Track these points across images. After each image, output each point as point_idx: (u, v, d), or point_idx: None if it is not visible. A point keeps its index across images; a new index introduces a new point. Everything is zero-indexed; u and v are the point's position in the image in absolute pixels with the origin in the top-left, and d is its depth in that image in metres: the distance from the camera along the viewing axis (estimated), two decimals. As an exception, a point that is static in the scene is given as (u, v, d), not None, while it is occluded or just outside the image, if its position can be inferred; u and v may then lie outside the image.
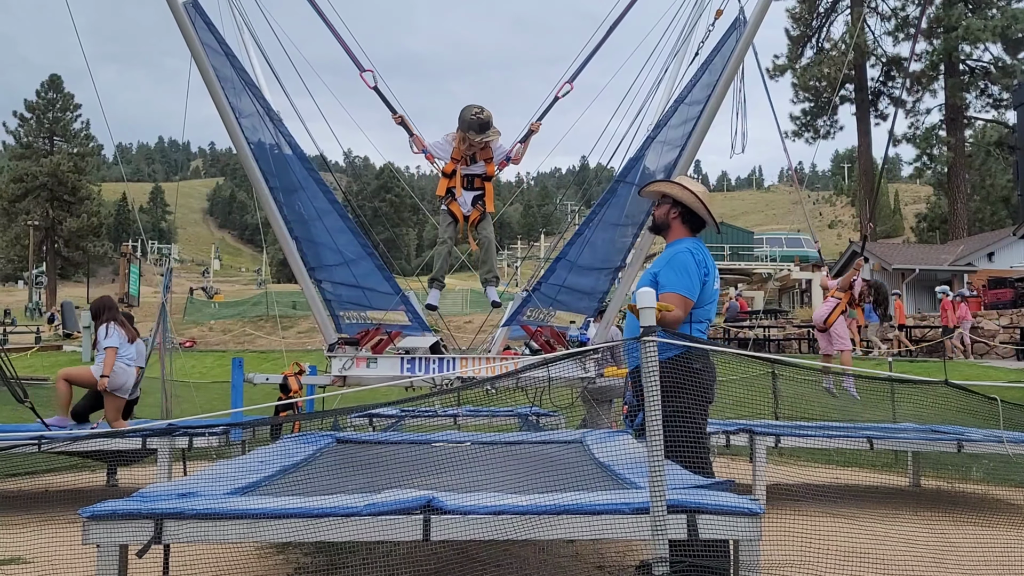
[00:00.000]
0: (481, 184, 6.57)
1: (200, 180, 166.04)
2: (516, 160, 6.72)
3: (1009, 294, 23.76)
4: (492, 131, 6.36)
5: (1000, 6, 35.95)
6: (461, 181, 6.53)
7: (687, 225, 4.09)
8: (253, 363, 18.61)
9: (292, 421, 6.50)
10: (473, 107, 6.32)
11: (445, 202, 6.60)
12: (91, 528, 2.98)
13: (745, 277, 38.91)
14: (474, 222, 6.59)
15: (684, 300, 3.79)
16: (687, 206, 4.06)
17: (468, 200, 6.56)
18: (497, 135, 6.45)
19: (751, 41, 6.59)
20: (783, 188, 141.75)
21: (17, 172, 59.92)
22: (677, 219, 4.09)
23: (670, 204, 4.10)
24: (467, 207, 6.56)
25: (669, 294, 3.80)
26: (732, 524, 2.95)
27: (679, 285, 3.79)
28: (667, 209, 4.12)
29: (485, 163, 6.54)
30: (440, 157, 6.54)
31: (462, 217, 6.56)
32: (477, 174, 6.55)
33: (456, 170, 6.52)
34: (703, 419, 3.82)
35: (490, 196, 6.63)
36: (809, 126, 40.60)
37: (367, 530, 2.96)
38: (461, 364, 6.68)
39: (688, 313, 3.84)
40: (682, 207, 4.07)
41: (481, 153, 6.48)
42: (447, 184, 6.57)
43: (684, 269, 3.84)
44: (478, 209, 6.57)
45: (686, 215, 4.08)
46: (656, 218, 4.20)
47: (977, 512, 6.15)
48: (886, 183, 67.48)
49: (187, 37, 5.95)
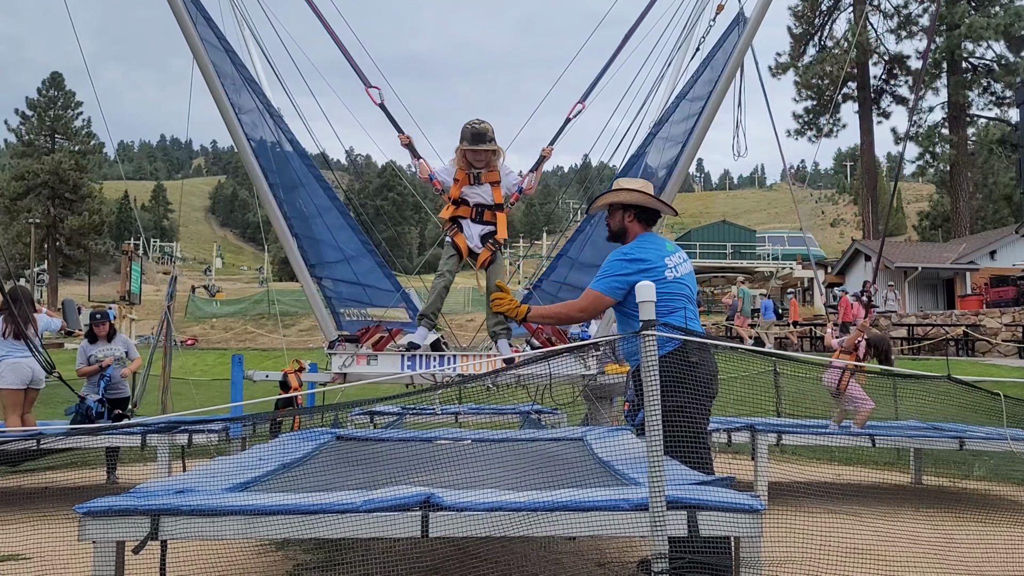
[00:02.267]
0: (492, 217, 6.01)
1: (202, 178, 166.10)
2: (528, 190, 6.23)
3: (1011, 292, 23.72)
4: (490, 144, 5.86)
5: (1003, 4, 35.87)
6: (471, 212, 5.96)
7: (642, 223, 4.12)
8: (254, 361, 18.60)
9: (291, 416, 6.48)
10: (474, 120, 5.89)
11: (450, 233, 6.03)
12: (87, 524, 2.97)
13: (747, 275, 38.84)
14: (484, 262, 6.00)
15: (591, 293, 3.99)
16: (639, 205, 4.08)
17: (475, 234, 5.99)
18: (495, 151, 5.92)
19: (753, 37, 6.57)
20: (785, 187, 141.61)
21: (18, 170, 59.96)
22: (633, 221, 4.12)
23: (620, 210, 4.12)
24: (475, 242, 5.99)
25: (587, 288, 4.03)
26: (733, 521, 2.92)
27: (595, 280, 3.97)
28: (620, 216, 4.13)
29: (492, 187, 5.98)
30: (446, 183, 6.06)
31: (467, 251, 6.00)
32: (487, 205, 5.98)
33: (462, 197, 5.96)
34: (704, 415, 3.78)
35: (502, 225, 6.07)
36: (811, 124, 40.56)
37: (365, 527, 2.94)
38: (462, 361, 6.66)
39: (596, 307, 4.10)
40: (635, 208, 4.09)
41: (487, 176, 5.94)
42: (453, 212, 6.01)
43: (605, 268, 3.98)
44: (489, 248, 6.00)
45: (640, 214, 4.11)
46: (612, 227, 4.20)
47: (979, 509, 6.13)
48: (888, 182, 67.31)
49: (186, 33, 5.93)
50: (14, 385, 6.98)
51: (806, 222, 67.63)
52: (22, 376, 6.99)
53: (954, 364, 15.62)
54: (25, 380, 7.02)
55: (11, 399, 6.99)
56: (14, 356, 7.00)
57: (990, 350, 20.00)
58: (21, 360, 7.00)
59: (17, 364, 6.98)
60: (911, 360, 18.09)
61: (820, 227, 68.05)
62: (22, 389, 7.02)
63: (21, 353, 7.01)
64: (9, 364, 6.97)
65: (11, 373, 6.96)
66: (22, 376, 6.99)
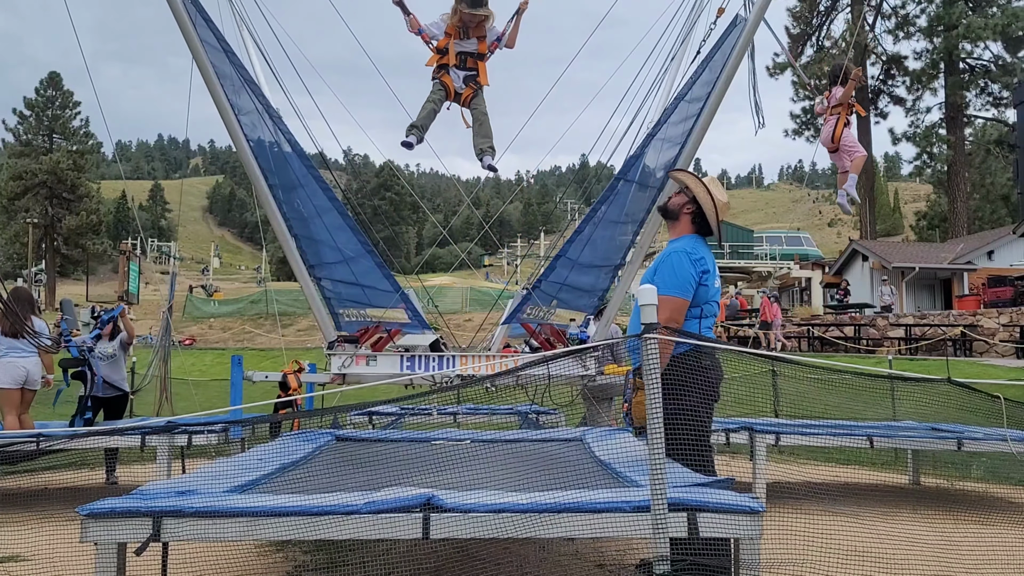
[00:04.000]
0: (474, 64, 6.58)
1: (200, 178, 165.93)
2: (509, 42, 6.71)
3: (1009, 292, 23.74)
4: (485, 9, 6.39)
5: (1000, 4, 35.91)
6: (455, 58, 6.51)
7: (695, 224, 4.04)
8: (252, 361, 18.60)
9: (291, 419, 6.48)
10: None
11: (437, 75, 6.57)
12: (89, 526, 2.97)
13: (745, 275, 38.88)
14: (467, 99, 6.58)
15: (674, 301, 3.77)
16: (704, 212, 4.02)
17: (460, 77, 6.56)
18: (490, 15, 6.45)
19: (752, 38, 6.59)
20: (783, 186, 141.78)
21: (16, 170, 59.83)
22: (689, 216, 4.04)
23: (690, 199, 4.05)
24: (459, 83, 6.55)
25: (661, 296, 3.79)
26: (733, 522, 2.94)
27: (669, 286, 3.78)
28: (685, 202, 4.06)
29: (478, 40, 6.54)
30: (435, 36, 6.56)
31: (453, 91, 6.55)
32: (470, 52, 6.56)
33: (449, 46, 6.50)
34: (708, 418, 3.80)
35: (484, 73, 6.62)
36: (809, 124, 40.55)
37: (367, 528, 2.95)
38: (461, 362, 6.67)
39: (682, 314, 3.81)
40: (698, 207, 4.02)
41: (475, 30, 6.49)
42: (439, 60, 6.55)
43: (674, 270, 3.83)
44: (471, 87, 6.57)
45: (698, 216, 4.03)
46: (671, 204, 4.13)
47: (977, 510, 6.15)
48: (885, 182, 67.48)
49: (186, 34, 5.94)
50: (7, 385, 6.99)
51: (803, 222, 67.70)
52: (15, 376, 7.01)
53: (952, 364, 15.64)
54: (19, 380, 7.02)
55: (5, 399, 7.00)
56: (11, 356, 7.02)
57: (987, 350, 20.03)
58: (17, 360, 7.02)
59: (12, 364, 7.00)
60: (909, 360, 18.12)
61: (817, 227, 68.09)
62: (17, 389, 7.03)
63: (18, 353, 7.03)
64: (3, 364, 6.99)
65: (4, 373, 6.98)
66: (15, 376, 7.01)
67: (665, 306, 3.76)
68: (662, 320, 3.70)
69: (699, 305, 3.85)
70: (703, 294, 3.85)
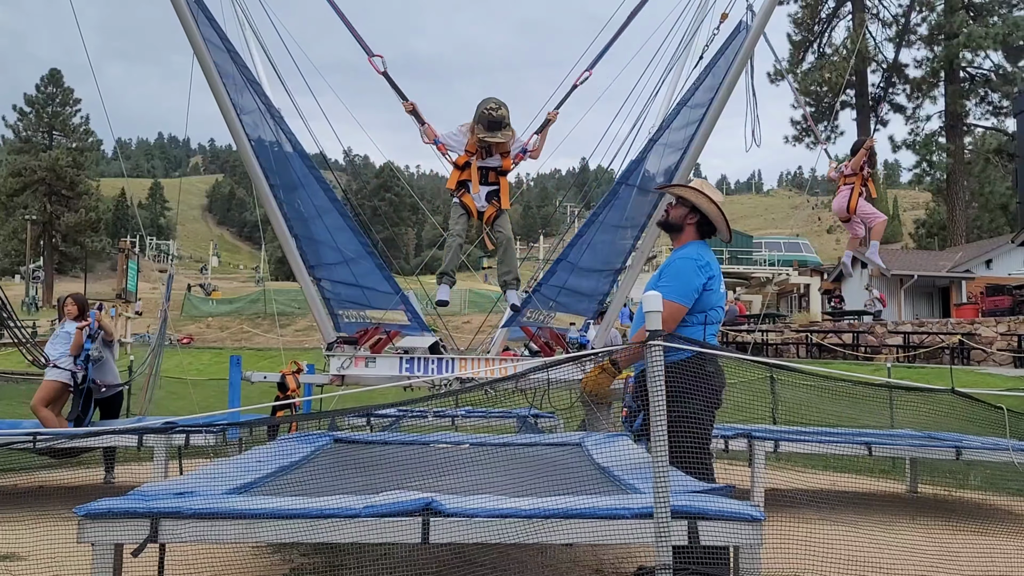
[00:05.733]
0: (496, 179, 6.23)
1: (199, 176, 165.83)
2: (534, 154, 6.37)
3: (1007, 301, 23.78)
4: (504, 132, 6.02)
5: (1001, 14, 36.00)
6: (476, 175, 6.15)
7: (699, 232, 4.03)
8: (251, 361, 18.55)
9: (290, 421, 6.46)
10: (491, 101, 5.99)
11: (457, 195, 6.24)
12: (86, 526, 2.96)
13: (744, 281, 38.89)
14: (489, 219, 6.26)
15: (671, 306, 3.73)
16: (706, 215, 4.00)
17: (482, 195, 6.20)
18: (510, 136, 6.11)
19: (755, 45, 6.59)
20: (782, 192, 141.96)
21: (15, 166, 59.81)
22: (692, 226, 4.02)
23: (689, 209, 4.01)
24: (481, 202, 6.21)
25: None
26: (733, 530, 2.93)
27: (670, 291, 3.76)
28: (685, 213, 4.03)
29: (501, 157, 6.20)
30: (452, 148, 6.22)
31: (476, 212, 6.22)
32: (492, 167, 6.21)
33: (470, 163, 6.15)
34: (709, 424, 3.80)
35: (505, 192, 6.29)
36: (810, 131, 40.60)
37: (366, 532, 2.93)
38: (460, 365, 6.66)
39: (677, 320, 3.79)
40: (700, 214, 4.00)
41: (497, 147, 6.15)
42: (459, 176, 6.21)
43: (678, 275, 3.82)
44: (493, 206, 6.24)
45: (702, 223, 4.01)
46: (671, 217, 4.08)
47: (976, 519, 6.14)
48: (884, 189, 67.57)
49: (189, 32, 5.93)
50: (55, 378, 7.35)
51: (802, 228, 67.74)
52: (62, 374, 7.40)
53: (944, 372, 15.64)
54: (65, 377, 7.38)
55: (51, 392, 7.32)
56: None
57: (985, 359, 20.04)
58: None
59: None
60: (907, 368, 18.12)
61: (816, 233, 68.13)
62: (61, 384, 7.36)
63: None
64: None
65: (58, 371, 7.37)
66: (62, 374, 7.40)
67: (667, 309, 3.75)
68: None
69: (703, 311, 3.85)
70: (707, 300, 3.84)
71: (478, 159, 6.14)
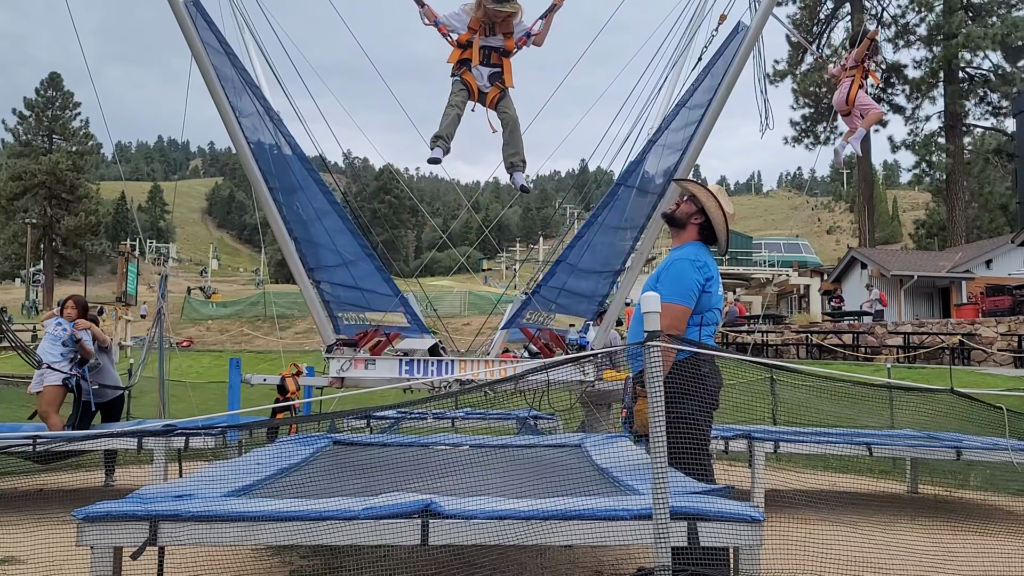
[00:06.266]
0: (499, 60, 6.05)
1: (199, 180, 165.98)
2: (538, 39, 6.19)
3: (1007, 301, 23.77)
4: (512, 4, 5.90)
5: (1000, 14, 36.03)
6: (478, 54, 5.99)
7: (701, 234, 4.01)
8: (250, 363, 18.56)
9: (289, 423, 6.46)
10: None
11: (458, 72, 6.06)
12: (85, 529, 2.95)
13: (744, 282, 38.89)
14: (493, 100, 6.07)
15: (675, 308, 3.74)
16: (711, 220, 3.99)
17: (484, 75, 6.03)
18: (518, 10, 5.98)
19: (753, 46, 6.60)
20: (782, 193, 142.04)
21: (15, 170, 59.85)
22: (696, 227, 4.00)
23: (698, 209, 4.00)
24: (483, 81, 6.03)
25: (664, 303, 3.77)
26: (733, 531, 2.92)
27: (672, 293, 3.76)
28: (693, 212, 4.01)
29: (504, 37, 6.04)
30: (454, 28, 6.06)
31: (476, 90, 6.04)
32: (495, 47, 6.03)
33: (472, 40, 5.99)
34: (707, 425, 3.79)
35: (509, 72, 6.10)
36: (809, 132, 40.65)
37: (365, 534, 2.93)
38: (460, 367, 6.66)
39: (683, 322, 3.78)
40: (706, 218, 3.99)
41: (501, 26, 5.98)
42: (460, 55, 6.05)
43: (678, 277, 3.80)
44: (497, 87, 6.04)
45: (705, 227, 4.00)
46: (678, 213, 4.06)
47: (976, 520, 6.13)
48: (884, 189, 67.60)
49: (187, 35, 5.94)
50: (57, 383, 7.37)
51: (802, 229, 67.79)
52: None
53: (945, 373, 15.63)
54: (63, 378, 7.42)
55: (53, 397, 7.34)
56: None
57: (985, 359, 20.04)
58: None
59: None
60: (907, 369, 18.12)
61: (816, 234, 68.21)
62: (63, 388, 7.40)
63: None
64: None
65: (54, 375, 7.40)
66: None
67: (666, 313, 3.74)
68: (662, 327, 3.69)
69: (700, 313, 3.84)
70: (705, 301, 3.84)
71: (480, 36, 6.00)
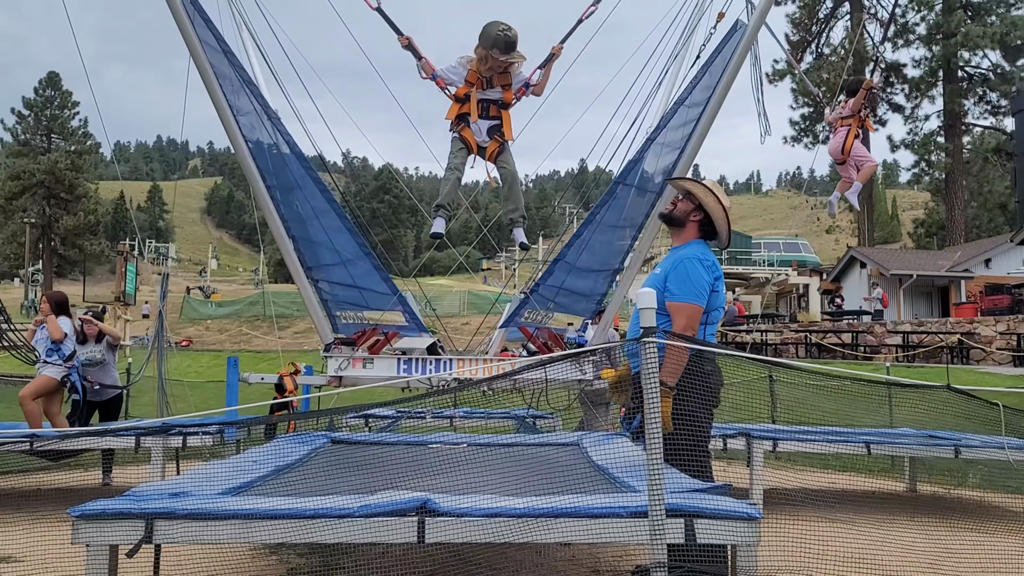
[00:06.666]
0: (498, 112, 5.98)
1: (198, 179, 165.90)
2: (537, 89, 6.10)
3: (1006, 300, 23.80)
4: (518, 53, 5.80)
5: (999, 13, 36.05)
6: (476, 108, 5.92)
7: (702, 231, 4.00)
8: (249, 363, 18.54)
9: (287, 421, 6.46)
10: (499, 23, 5.72)
11: (456, 128, 6.00)
12: (81, 528, 2.95)
13: (743, 281, 38.88)
14: (493, 154, 6.01)
15: (690, 308, 3.73)
16: (710, 216, 3.97)
17: (483, 129, 5.96)
18: (522, 59, 5.91)
19: (752, 43, 6.59)
20: (781, 193, 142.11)
21: (14, 169, 59.76)
22: (696, 224, 3.98)
23: (696, 206, 3.98)
24: (482, 136, 5.97)
25: (679, 303, 3.76)
26: (730, 529, 2.92)
27: (686, 293, 3.74)
28: (691, 209, 3.99)
29: (503, 89, 5.96)
30: (452, 82, 6.01)
31: (475, 146, 5.98)
32: (493, 100, 5.96)
33: (470, 94, 5.93)
34: (708, 423, 3.78)
35: (508, 124, 6.02)
36: (808, 131, 40.66)
37: (361, 532, 2.92)
38: (458, 365, 6.65)
39: (698, 321, 3.77)
40: (705, 214, 3.97)
41: (499, 78, 5.91)
42: (459, 109, 5.98)
43: (690, 277, 3.78)
44: (496, 140, 5.98)
45: (705, 223, 3.98)
46: (676, 212, 4.03)
47: (974, 518, 6.13)
48: (883, 189, 67.64)
49: (185, 34, 5.92)
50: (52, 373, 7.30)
51: (801, 228, 67.80)
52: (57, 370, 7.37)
53: (950, 372, 15.64)
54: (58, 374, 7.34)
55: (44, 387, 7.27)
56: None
57: (984, 358, 20.05)
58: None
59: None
60: (906, 368, 18.12)
61: (816, 233, 68.17)
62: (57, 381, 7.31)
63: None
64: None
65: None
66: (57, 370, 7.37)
67: (682, 313, 3.73)
68: (680, 328, 3.67)
69: (707, 312, 3.84)
70: (712, 300, 3.84)
71: (478, 89, 5.94)
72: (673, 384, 3.56)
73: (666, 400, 3.48)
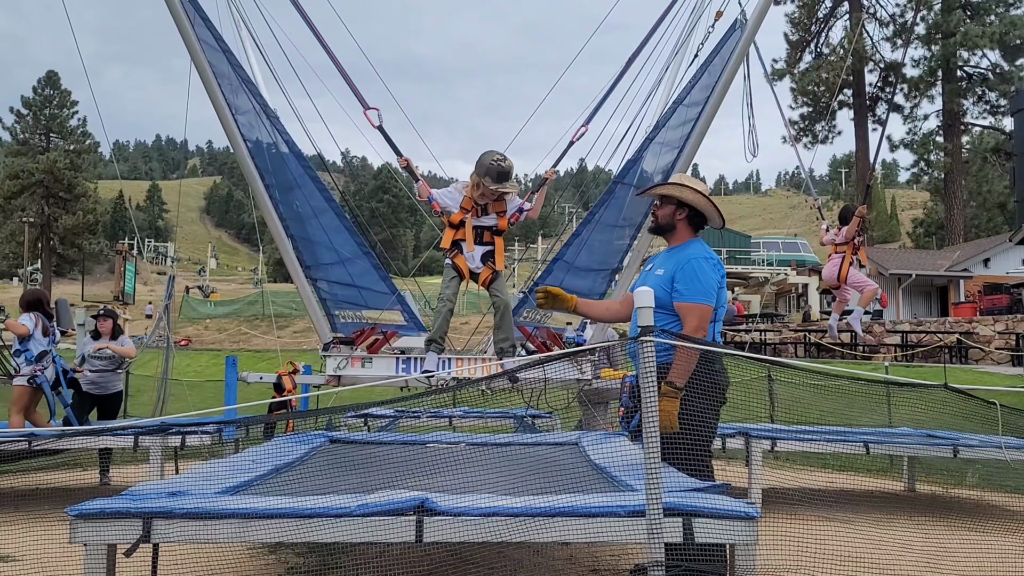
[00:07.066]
0: (491, 239, 6.05)
1: (197, 179, 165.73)
2: (532, 212, 6.19)
3: (1005, 300, 23.82)
4: (511, 184, 5.86)
5: (998, 12, 36.06)
6: (471, 235, 5.98)
7: (692, 226, 4.00)
8: (248, 362, 18.52)
9: (285, 420, 6.46)
10: (495, 153, 5.81)
11: (449, 255, 6.01)
12: (78, 527, 2.94)
13: (742, 281, 38.89)
14: (485, 281, 6.06)
15: (701, 308, 3.73)
16: (694, 207, 3.98)
17: (477, 256, 6.00)
18: (515, 189, 5.97)
19: (751, 42, 6.59)
20: (780, 192, 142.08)
21: (13, 169, 59.68)
22: (684, 220, 3.99)
23: (675, 205, 3.98)
24: (475, 263, 6.01)
25: (689, 304, 3.75)
26: (729, 528, 2.92)
27: (696, 293, 3.74)
28: (672, 211, 3.99)
29: (497, 216, 6.03)
30: (447, 207, 6.03)
31: (468, 274, 6.03)
32: (488, 227, 6.02)
33: (465, 221, 5.97)
34: (714, 423, 3.78)
35: (500, 253, 6.09)
36: (807, 131, 40.67)
37: (359, 531, 2.92)
38: (457, 365, 6.64)
39: (708, 321, 3.77)
40: (689, 208, 3.98)
41: (494, 205, 5.98)
42: (453, 236, 6.02)
43: (698, 276, 3.77)
44: (489, 267, 6.03)
45: (693, 216, 3.99)
46: (660, 219, 4.04)
47: (972, 517, 6.14)
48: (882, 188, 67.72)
49: (183, 32, 5.92)
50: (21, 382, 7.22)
51: (800, 228, 67.80)
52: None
53: (948, 372, 15.65)
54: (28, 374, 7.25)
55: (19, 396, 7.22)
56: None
57: (983, 358, 20.06)
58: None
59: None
60: (905, 367, 18.13)
61: (815, 233, 68.18)
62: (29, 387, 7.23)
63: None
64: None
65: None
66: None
67: (694, 313, 3.73)
68: (692, 328, 3.67)
69: (714, 310, 3.84)
70: (719, 298, 3.85)
71: (473, 217, 5.98)
72: (682, 385, 3.56)
73: (673, 401, 3.49)
